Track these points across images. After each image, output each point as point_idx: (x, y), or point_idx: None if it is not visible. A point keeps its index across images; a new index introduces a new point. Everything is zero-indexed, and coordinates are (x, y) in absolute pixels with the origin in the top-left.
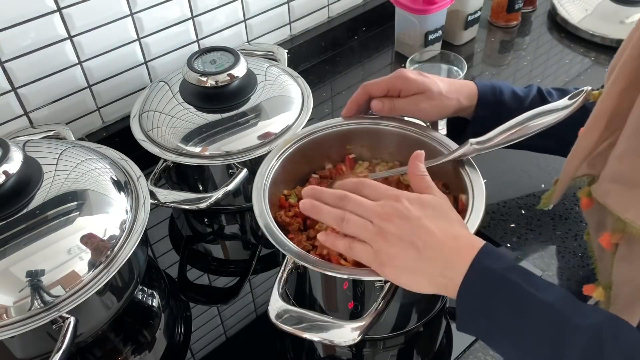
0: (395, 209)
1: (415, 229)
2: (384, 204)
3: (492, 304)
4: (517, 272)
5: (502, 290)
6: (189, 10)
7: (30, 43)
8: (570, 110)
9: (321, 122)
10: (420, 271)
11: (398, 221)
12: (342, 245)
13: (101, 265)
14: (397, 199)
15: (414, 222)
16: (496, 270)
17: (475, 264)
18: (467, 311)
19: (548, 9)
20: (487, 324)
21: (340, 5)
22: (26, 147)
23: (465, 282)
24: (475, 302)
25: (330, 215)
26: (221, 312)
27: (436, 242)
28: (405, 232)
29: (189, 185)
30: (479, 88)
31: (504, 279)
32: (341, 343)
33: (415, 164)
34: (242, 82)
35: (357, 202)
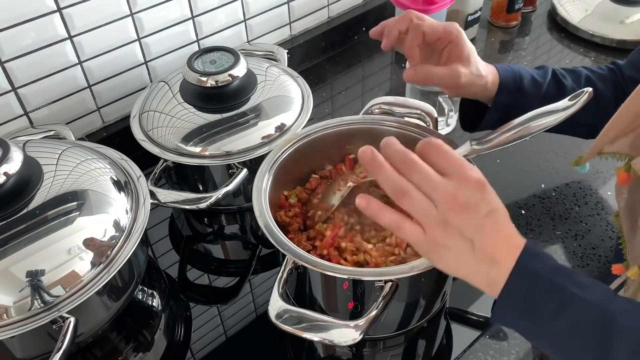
0: (465, 196)
1: (479, 227)
2: (458, 188)
3: (536, 306)
4: (561, 274)
5: (547, 293)
6: (189, 10)
7: (30, 43)
8: (571, 111)
9: (321, 122)
10: (466, 266)
11: (465, 215)
12: (389, 219)
13: (101, 265)
14: (475, 185)
15: (479, 219)
16: (541, 273)
17: (520, 265)
18: (507, 312)
19: (548, 9)
20: (528, 324)
21: (340, 5)
22: (26, 147)
23: (509, 284)
24: (517, 304)
25: (390, 181)
26: (221, 312)
27: (491, 242)
28: (469, 228)
29: (189, 185)
30: (500, 73)
31: (550, 281)
32: (341, 343)
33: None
34: (242, 82)
35: (425, 175)
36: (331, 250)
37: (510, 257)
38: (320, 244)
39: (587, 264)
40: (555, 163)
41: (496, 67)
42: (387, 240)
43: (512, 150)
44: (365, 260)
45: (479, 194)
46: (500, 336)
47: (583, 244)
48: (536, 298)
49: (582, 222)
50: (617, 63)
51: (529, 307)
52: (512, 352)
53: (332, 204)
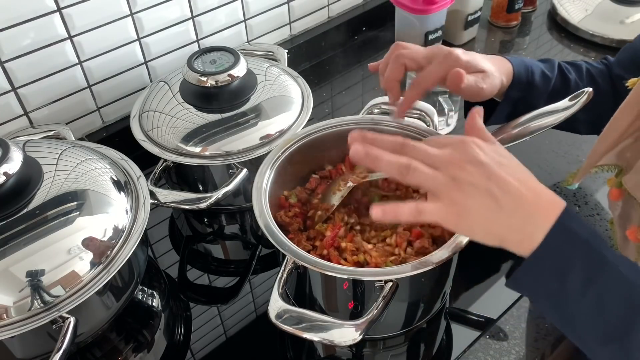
0: (466, 154)
1: (491, 175)
2: (454, 150)
3: (570, 269)
4: (598, 240)
5: (584, 256)
6: (189, 10)
7: (30, 43)
8: (571, 112)
9: (321, 122)
10: (497, 223)
11: (471, 167)
12: (407, 211)
13: (101, 265)
14: (466, 142)
15: (488, 167)
16: (581, 235)
17: (560, 223)
18: (539, 270)
19: (548, 9)
20: (557, 287)
21: (340, 5)
22: (26, 147)
23: (547, 241)
24: (552, 264)
25: (391, 163)
26: (221, 312)
27: (515, 192)
28: (480, 178)
29: (189, 185)
30: (514, 67)
31: (588, 245)
32: (341, 343)
33: (475, 117)
34: (242, 82)
35: (421, 149)
36: (331, 250)
37: (548, 212)
38: (320, 244)
39: None
40: (555, 163)
41: (509, 60)
42: (387, 240)
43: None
44: (365, 260)
45: (476, 148)
46: (500, 336)
47: None
48: (572, 260)
49: None
50: (608, 59)
51: (563, 269)
52: (512, 352)
53: (332, 204)
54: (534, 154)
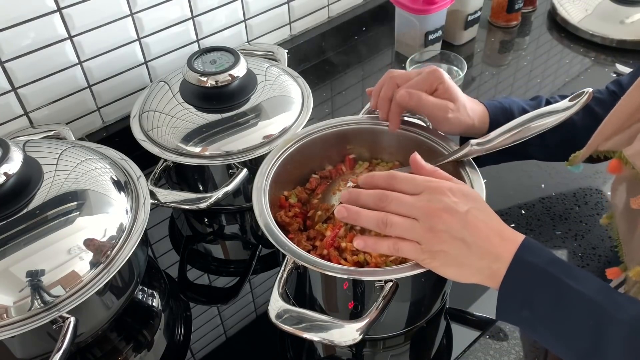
0: (442, 203)
1: (464, 225)
2: (430, 199)
3: (534, 296)
4: (557, 266)
5: (543, 284)
6: (189, 10)
7: (30, 43)
8: (571, 112)
9: (321, 122)
10: (468, 265)
11: (447, 217)
12: (385, 247)
13: (101, 265)
14: (442, 192)
15: (462, 217)
16: (537, 265)
17: (517, 258)
18: (509, 303)
19: (548, 9)
20: (529, 315)
21: (340, 5)
22: (26, 147)
23: (508, 276)
24: (517, 295)
25: (370, 220)
26: (221, 312)
27: (484, 238)
28: (455, 228)
29: (189, 185)
30: (489, 111)
31: (545, 272)
32: (341, 343)
33: (421, 163)
34: (242, 82)
35: (398, 201)
36: (331, 250)
37: (510, 250)
38: (320, 244)
39: (587, 264)
40: (555, 163)
41: (485, 105)
42: None
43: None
44: (365, 260)
45: (452, 197)
46: (500, 336)
47: (583, 244)
48: (533, 288)
49: (582, 222)
50: (620, 81)
51: (528, 298)
52: (512, 352)
53: (332, 204)
54: None
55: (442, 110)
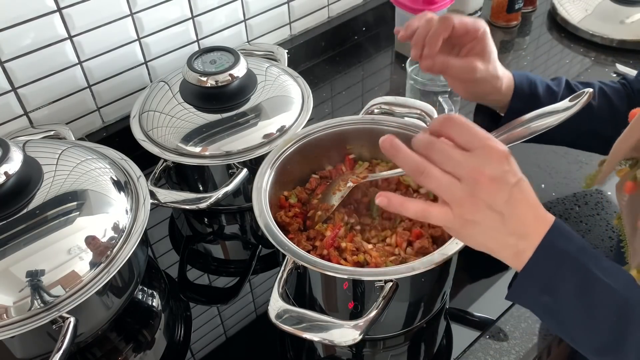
0: (494, 170)
1: (508, 199)
2: (482, 162)
3: (559, 283)
4: (587, 254)
5: (571, 271)
6: (189, 10)
7: (30, 43)
8: (572, 112)
9: (321, 122)
10: (496, 239)
11: (494, 187)
12: (413, 210)
13: (101, 265)
14: (499, 157)
15: (509, 190)
16: (567, 251)
17: (546, 241)
18: (529, 286)
19: (548, 9)
20: (549, 300)
21: (340, 5)
22: (26, 147)
23: (535, 258)
24: (541, 279)
25: (407, 161)
26: (221, 312)
27: (521, 215)
28: (498, 200)
29: (189, 185)
30: (515, 78)
31: (575, 260)
32: (341, 343)
33: None
34: (242, 82)
35: (444, 153)
36: (331, 250)
37: (539, 230)
38: (320, 244)
39: None
40: (555, 163)
41: (512, 72)
42: (387, 240)
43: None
44: (365, 260)
45: (506, 165)
46: (500, 336)
47: None
48: (560, 275)
49: (582, 222)
50: (626, 78)
51: (552, 284)
52: (512, 352)
53: (332, 204)
54: (534, 154)
55: (469, 70)
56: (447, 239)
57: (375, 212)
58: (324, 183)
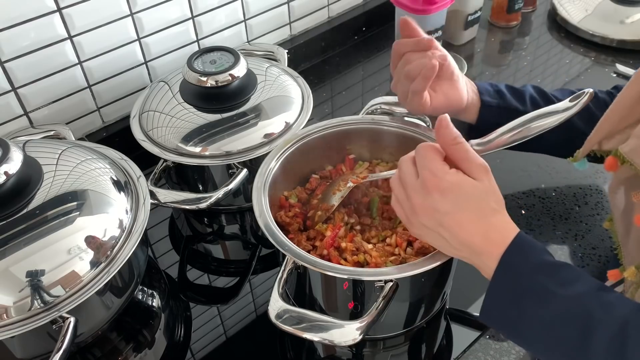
0: (422, 202)
1: (441, 224)
2: (414, 193)
3: (520, 300)
4: (544, 270)
5: (529, 289)
6: (189, 10)
7: (30, 43)
8: (571, 112)
9: (321, 122)
10: (449, 250)
11: (423, 215)
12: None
13: (101, 265)
14: (428, 190)
15: (440, 218)
16: (523, 271)
17: (503, 262)
18: (495, 305)
19: (548, 9)
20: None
21: (340, 5)
22: (26, 147)
23: (494, 280)
24: (503, 298)
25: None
26: (221, 312)
27: (464, 237)
28: (431, 225)
29: (189, 185)
30: (475, 83)
31: (530, 278)
32: (341, 343)
33: (444, 132)
34: (242, 82)
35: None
36: (331, 251)
37: (492, 251)
38: (320, 244)
39: (587, 264)
40: (555, 163)
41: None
42: (387, 240)
43: (512, 150)
44: (365, 260)
45: (433, 197)
46: (500, 336)
47: (583, 244)
48: (519, 292)
49: (582, 222)
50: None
51: (513, 301)
52: (512, 352)
53: (332, 204)
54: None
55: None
56: None
57: (375, 212)
58: (324, 183)
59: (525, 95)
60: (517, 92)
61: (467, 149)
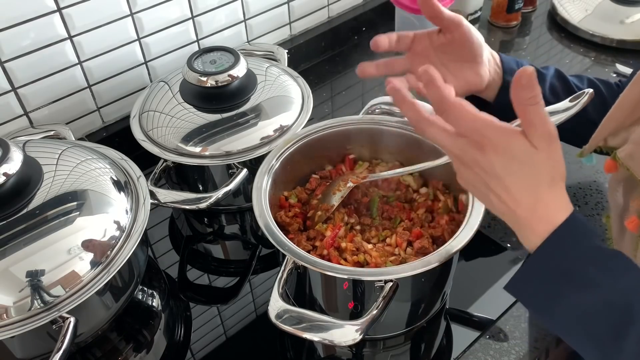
0: (475, 161)
1: (491, 186)
2: (466, 150)
3: (559, 283)
4: (592, 258)
5: (572, 275)
6: (189, 10)
7: (30, 43)
8: (572, 112)
9: (321, 122)
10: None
11: (474, 174)
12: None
13: (101, 265)
14: (481, 148)
15: (491, 180)
16: (569, 256)
17: (549, 241)
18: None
19: (548, 9)
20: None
21: (340, 5)
22: (26, 147)
23: (535, 257)
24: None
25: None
26: (221, 312)
27: (509, 204)
28: (481, 186)
29: (189, 185)
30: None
31: (576, 265)
32: (341, 343)
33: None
34: (242, 82)
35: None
36: (331, 251)
37: (539, 231)
38: (320, 244)
39: None
40: None
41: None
42: (387, 240)
43: None
44: (365, 260)
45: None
46: (500, 336)
47: None
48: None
49: None
50: (622, 82)
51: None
52: (512, 352)
53: (332, 204)
54: None
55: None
56: (447, 239)
57: (375, 212)
58: (324, 183)
59: (545, 81)
60: (540, 74)
61: (540, 113)
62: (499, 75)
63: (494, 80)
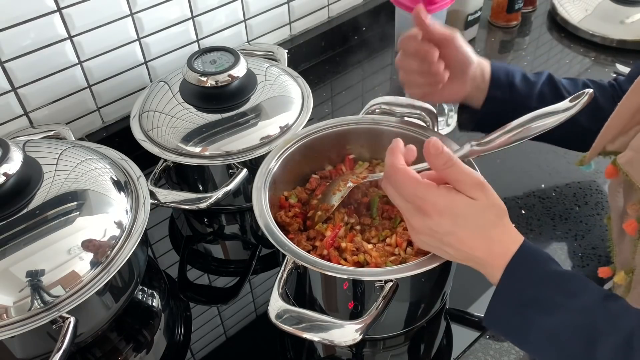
0: (424, 226)
1: (445, 242)
2: (413, 214)
3: (525, 310)
4: (549, 280)
5: (534, 300)
6: (189, 10)
7: (30, 43)
8: (571, 113)
9: (321, 122)
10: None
11: (424, 235)
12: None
13: (101, 265)
14: (426, 213)
15: (443, 237)
16: (527, 282)
17: (507, 273)
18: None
19: (548, 9)
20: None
21: (340, 5)
22: (26, 147)
23: (499, 289)
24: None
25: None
26: (221, 312)
27: (467, 252)
28: (435, 242)
29: (189, 185)
30: (491, 67)
31: (535, 289)
32: (341, 343)
33: (435, 159)
34: (242, 82)
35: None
36: (331, 251)
37: (497, 262)
38: (320, 244)
39: (587, 264)
40: (555, 163)
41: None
42: (387, 240)
43: (512, 150)
44: (365, 260)
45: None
46: (500, 337)
47: (583, 244)
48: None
49: (582, 222)
50: (618, 79)
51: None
52: (512, 352)
53: (332, 204)
54: (534, 154)
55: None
56: None
57: (375, 212)
58: (324, 183)
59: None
60: (529, 84)
61: (460, 171)
62: (482, 89)
63: (475, 95)
